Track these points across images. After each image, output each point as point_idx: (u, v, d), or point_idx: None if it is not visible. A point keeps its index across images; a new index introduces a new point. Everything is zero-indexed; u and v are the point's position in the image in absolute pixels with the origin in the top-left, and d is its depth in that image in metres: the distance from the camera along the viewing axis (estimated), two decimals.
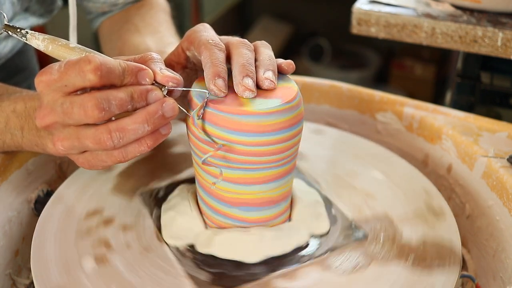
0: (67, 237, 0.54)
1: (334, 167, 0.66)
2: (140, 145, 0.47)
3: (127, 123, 0.46)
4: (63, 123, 0.46)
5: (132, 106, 0.46)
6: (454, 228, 0.56)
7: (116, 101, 0.45)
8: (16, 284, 0.62)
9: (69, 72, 0.44)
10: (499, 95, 0.91)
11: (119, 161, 0.48)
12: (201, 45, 0.52)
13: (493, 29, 0.79)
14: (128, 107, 0.46)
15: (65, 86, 0.45)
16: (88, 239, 0.54)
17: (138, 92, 0.46)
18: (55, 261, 0.51)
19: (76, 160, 0.50)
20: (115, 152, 0.47)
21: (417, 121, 0.75)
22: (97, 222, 0.56)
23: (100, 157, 0.48)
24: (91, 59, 0.44)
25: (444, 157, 0.72)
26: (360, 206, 0.59)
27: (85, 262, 0.51)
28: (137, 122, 0.46)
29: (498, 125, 0.71)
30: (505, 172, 0.62)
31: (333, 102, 0.82)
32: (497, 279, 0.61)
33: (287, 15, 2.54)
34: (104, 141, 0.45)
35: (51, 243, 0.53)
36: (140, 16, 0.80)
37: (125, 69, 0.46)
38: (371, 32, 0.88)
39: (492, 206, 0.63)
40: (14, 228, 0.64)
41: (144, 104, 0.47)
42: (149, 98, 0.47)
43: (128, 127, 0.46)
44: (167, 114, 0.47)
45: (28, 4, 0.76)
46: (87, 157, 0.49)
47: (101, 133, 0.45)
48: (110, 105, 0.44)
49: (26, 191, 0.66)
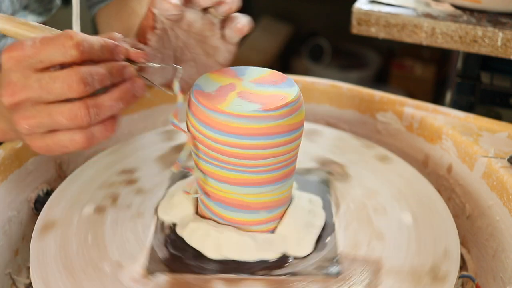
0: (92, 184, 0.61)
1: (368, 196, 0.61)
2: (106, 130, 0.47)
3: (104, 100, 0.46)
4: (38, 100, 0.45)
5: (111, 82, 0.46)
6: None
7: (98, 76, 0.45)
8: (16, 284, 0.62)
9: (47, 48, 0.44)
10: (499, 95, 0.91)
11: (83, 147, 0.47)
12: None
13: (493, 29, 0.79)
14: (107, 82, 0.46)
15: (40, 62, 0.44)
16: (106, 190, 0.60)
17: (116, 68, 0.47)
18: (69, 198, 0.59)
19: (33, 143, 0.48)
20: (80, 137, 0.46)
21: (417, 121, 0.75)
22: (124, 179, 0.62)
23: (62, 142, 0.47)
24: (73, 35, 0.44)
25: (444, 157, 0.72)
26: (359, 243, 0.54)
27: (87, 207, 0.58)
28: (113, 99, 0.46)
29: (498, 125, 0.71)
30: (505, 172, 0.62)
31: (333, 102, 0.82)
32: (497, 279, 0.61)
33: (287, 15, 2.53)
34: (80, 116, 0.45)
35: (80, 182, 0.61)
36: (137, 0, 0.80)
37: (103, 46, 0.46)
38: (371, 32, 0.88)
39: (492, 206, 0.63)
40: (14, 227, 0.64)
41: (120, 80, 0.47)
42: (125, 75, 0.47)
43: (105, 103, 0.46)
44: (137, 93, 0.48)
45: (27, 2, 0.76)
46: (46, 141, 0.47)
47: (78, 108, 0.45)
48: (93, 80, 0.45)
49: (26, 190, 0.66)
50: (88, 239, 0.54)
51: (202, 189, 0.53)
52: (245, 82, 0.52)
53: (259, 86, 0.51)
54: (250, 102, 0.49)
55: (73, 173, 0.64)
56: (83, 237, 0.54)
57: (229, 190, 0.51)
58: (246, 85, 0.52)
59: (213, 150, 0.49)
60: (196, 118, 0.50)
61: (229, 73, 0.54)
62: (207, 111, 0.49)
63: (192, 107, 0.50)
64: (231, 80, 0.52)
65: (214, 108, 0.48)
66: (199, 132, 0.50)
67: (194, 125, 0.50)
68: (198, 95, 0.50)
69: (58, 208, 0.58)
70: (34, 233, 0.54)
